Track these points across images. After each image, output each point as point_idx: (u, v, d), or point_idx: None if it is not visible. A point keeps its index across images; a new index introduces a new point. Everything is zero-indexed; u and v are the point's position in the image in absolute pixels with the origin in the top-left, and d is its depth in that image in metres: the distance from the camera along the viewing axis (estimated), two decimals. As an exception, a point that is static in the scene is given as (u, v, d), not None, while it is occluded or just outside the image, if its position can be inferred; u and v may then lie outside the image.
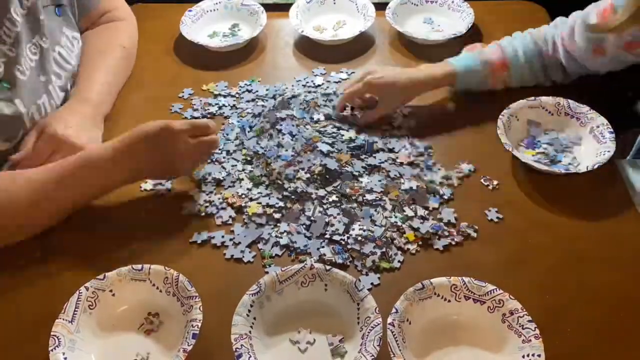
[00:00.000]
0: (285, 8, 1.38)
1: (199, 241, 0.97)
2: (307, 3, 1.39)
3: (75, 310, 0.83)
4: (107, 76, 1.16)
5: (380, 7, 1.35)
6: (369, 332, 0.80)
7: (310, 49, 1.33)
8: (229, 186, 1.04)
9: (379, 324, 0.80)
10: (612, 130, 1.02)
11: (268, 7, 1.39)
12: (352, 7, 1.39)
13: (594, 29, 1.04)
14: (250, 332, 0.81)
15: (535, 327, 0.79)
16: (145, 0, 1.46)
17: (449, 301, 0.84)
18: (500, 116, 1.06)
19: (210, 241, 0.97)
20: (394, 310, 0.81)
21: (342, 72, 1.26)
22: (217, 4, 1.40)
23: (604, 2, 1.06)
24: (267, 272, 0.92)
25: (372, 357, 0.77)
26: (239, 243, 0.96)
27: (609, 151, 1.00)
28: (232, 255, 0.94)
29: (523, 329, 0.80)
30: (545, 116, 1.09)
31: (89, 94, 1.11)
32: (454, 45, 1.28)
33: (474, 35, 1.31)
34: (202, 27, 1.37)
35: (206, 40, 1.33)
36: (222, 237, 0.97)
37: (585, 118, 1.06)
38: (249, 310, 0.82)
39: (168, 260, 0.90)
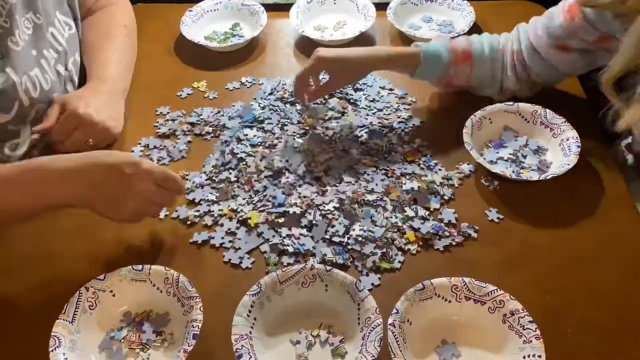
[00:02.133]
0: (285, 8, 1.38)
1: (199, 241, 0.97)
2: (307, 3, 1.39)
3: (75, 311, 0.83)
4: (118, 54, 1.19)
5: (381, 7, 1.35)
6: (369, 333, 0.80)
7: (311, 49, 1.30)
8: (224, 200, 1.02)
9: (379, 325, 0.80)
10: (579, 144, 1.02)
11: (268, 7, 1.39)
12: (352, 7, 1.39)
13: (584, 3, 0.98)
14: (250, 332, 0.81)
15: (536, 328, 0.79)
16: (146, 0, 1.46)
17: (450, 302, 0.84)
18: (471, 116, 1.07)
19: (210, 241, 0.97)
20: (394, 310, 0.81)
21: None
22: (217, 4, 1.39)
23: (567, 0, 1.03)
24: (266, 272, 0.92)
25: (373, 358, 0.77)
26: (239, 248, 0.95)
27: (568, 164, 0.99)
28: (230, 260, 0.94)
29: (524, 329, 0.80)
30: (520, 122, 1.09)
31: (105, 73, 1.14)
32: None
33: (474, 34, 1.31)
34: (203, 27, 1.37)
35: (206, 40, 1.33)
36: (222, 238, 0.97)
37: (559, 129, 1.06)
38: (250, 311, 0.82)
39: (168, 261, 0.90)
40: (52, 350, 0.78)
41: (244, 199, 1.02)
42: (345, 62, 1.07)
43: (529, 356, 0.78)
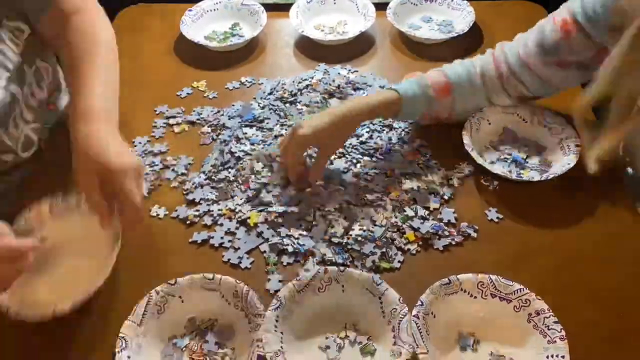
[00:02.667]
0: (285, 8, 1.38)
1: (199, 241, 0.97)
2: (307, 3, 1.39)
3: (144, 313, 0.82)
4: (103, 78, 0.98)
5: (381, 7, 1.35)
6: (399, 323, 0.80)
7: (311, 49, 1.33)
8: (223, 199, 1.02)
9: (407, 314, 0.80)
10: (578, 143, 1.01)
11: (268, 7, 1.39)
12: (352, 7, 1.39)
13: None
14: (282, 347, 0.80)
15: (561, 329, 0.80)
16: (146, 0, 1.46)
17: (475, 297, 0.84)
18: (471, 117, 1.07)
19: (210, 241, 0.97)
20: (419, 302, 0.82)
21: (345, 68, 1.27)
22: (217, 3, 1.40)
23: (557, 15, 0.99)
24: (266, 271, 0.92)
25: (409, 345, 0.77)
26: (239, 248, 0.95)
27: (568, 164, 0.99)
28: (229, 260, 0.94)
29: (548, 329, 0.80)
30: (520, 123, 1.09)
31: (94, 104, 0.93)
32: (455, 45, 1.28)
33: (474, 34, 1.31)
34: (203, 27, 1.37)
35: (206, 40, 1.33)
36: (222, 237, 0.97)
37: (558, 129, 1.06)
38: (276, 326, 0.81)
39: (168, 260, 0.90)
40: (118, 352, 0.78)
41: (241, 199, 1.02)
42: (328, 131, 0.98)
43: (552, 356, 0.78)
